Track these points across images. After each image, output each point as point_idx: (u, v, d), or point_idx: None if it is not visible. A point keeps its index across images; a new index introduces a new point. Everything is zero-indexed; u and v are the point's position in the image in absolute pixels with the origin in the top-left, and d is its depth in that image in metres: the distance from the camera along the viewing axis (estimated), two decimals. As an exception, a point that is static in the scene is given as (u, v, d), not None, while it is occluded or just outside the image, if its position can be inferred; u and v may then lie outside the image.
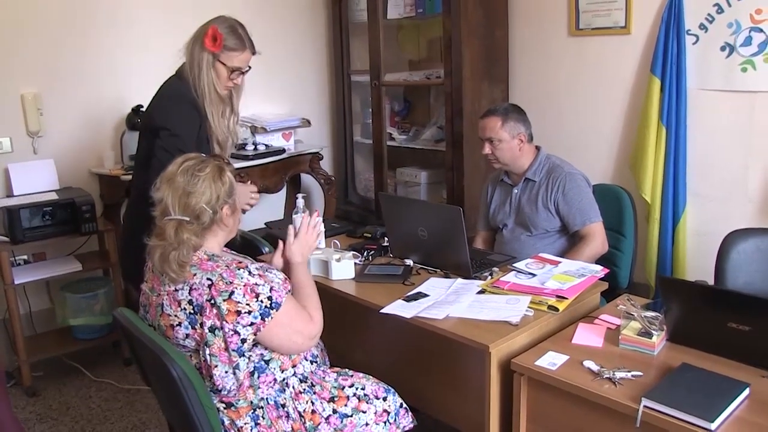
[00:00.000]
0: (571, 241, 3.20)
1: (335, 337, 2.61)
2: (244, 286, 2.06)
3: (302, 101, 5.29)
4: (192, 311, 2.08)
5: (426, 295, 2.60)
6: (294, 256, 2.43)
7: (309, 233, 2.50)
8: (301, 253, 2.44)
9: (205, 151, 2.88)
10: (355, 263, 2.95)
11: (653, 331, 2.24)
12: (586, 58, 4.21)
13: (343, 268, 2.87)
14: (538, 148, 3.33)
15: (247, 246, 3.23)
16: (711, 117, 3.72)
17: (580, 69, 4.25)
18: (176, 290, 2.10)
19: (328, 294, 2.73)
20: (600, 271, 2.71)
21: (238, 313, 2.05)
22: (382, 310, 2.51)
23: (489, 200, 3.48)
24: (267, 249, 3.32)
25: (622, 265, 3.26)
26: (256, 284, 2.08)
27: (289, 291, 2.18)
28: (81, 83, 4.30)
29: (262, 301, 2.07)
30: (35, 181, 4.07)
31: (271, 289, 2.09)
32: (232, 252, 2.40)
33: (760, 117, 3.55)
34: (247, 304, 2.05)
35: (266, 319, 2.08)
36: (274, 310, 2.09)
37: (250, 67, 2.94)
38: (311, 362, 2.30)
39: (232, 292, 2.04)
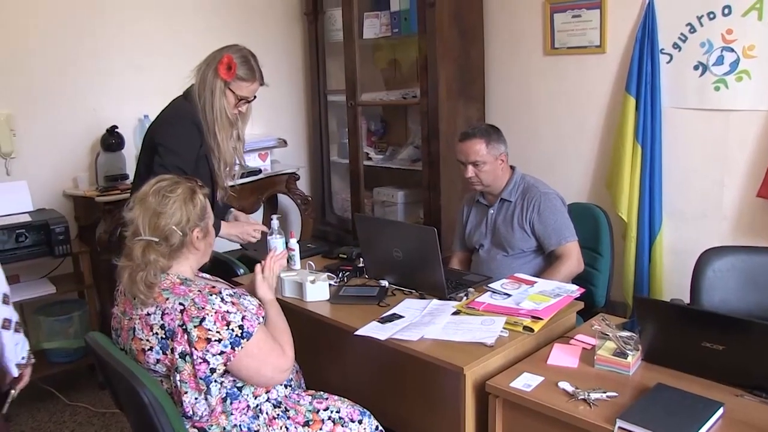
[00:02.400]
0: (547, 261, 3.20)
1: (310, 359, 2.59)
2: (215, 312, 2.04)
3: (279, 121, 5.28)
4: (164, 336, 2.06)
5: (401, 317, 2.59)
6: (264, 295, 2.40)
7: (272, 268, 2.50)
8: (269, 290, 2.43)
9: (203, 171, 2.95)
10: (330, 284, 2.94)
11: (628, 351, 2.24)
12: (562, 76, 4.23)
13: (318, 290, 2.85)
14: (512, 168, 3.34)
15: (221, 267, 3.22)
16: (686, 135, 3.75)
17: (556, 88, 4.27)
18: (148, 314, 2.09)
19: (302, 316, 2.71)
20: (576, 290, 2.71)
21: (208, 340, 2.02)
22: (356, 332, 2.50)
23: (465, 221, 3.48)
24: (242, 270, 3.31)
25: (598, 284, 3.27)
26: (227, 312, 2.06)
27: (263, 320, 2.17)
28: (55, 104, 4.27)
29: (232, 330, 2.05)
30: (8, 203, 4.02)
31: (243, 318, 2.07)
32: (206, 276, 2.38)
33: (734, 135, 3.58)
34: (218, 332, 2.03)
35: (236, 348, 2.05)
36: (245, 340, 2.06)
37: (255, 97, 3.04)
38: (285, 386, 2.29)
39: (203, 319, 2.02)
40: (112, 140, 4.25)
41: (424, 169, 4.51)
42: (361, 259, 3.19)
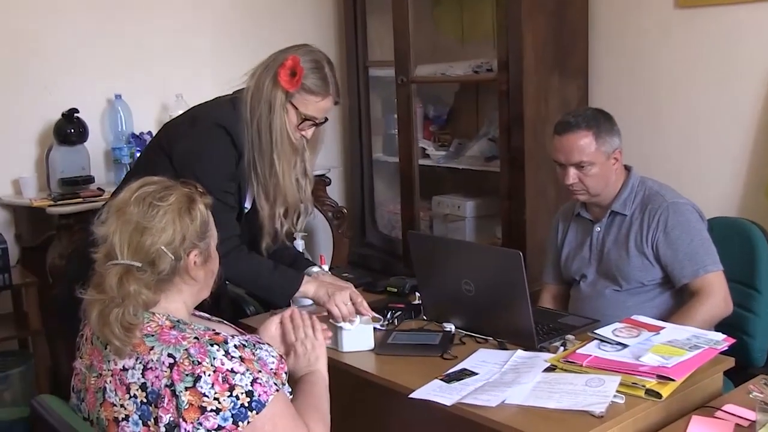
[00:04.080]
0: (678, 299, 3.19)
1: (347, 428, 2.60)
2: (215, 371, 2.00)
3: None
4: (145, 400, 2.03)
5: (473, 374, 2.59)
6: (296, 371, 2.42)
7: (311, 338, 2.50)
8: (305, 366, 2.44)
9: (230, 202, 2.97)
10: (375, 329, 2.95)
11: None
12: (702, 39, 4.20)
13: (359, 337, 2.87)
14: (628, 169, 3.33)
15: (226, 305, 3.25)
16: None
17: (692, 55, 4.24)
18: (125, 369, 2.07)
19: (338, 372, 2.72)
20: (722, 341, 2.68)
21: (202, 410, 1.98)
22: (412, 395, 2.50)
23: (560, 242, 3.48)
24: (253, 308, 3.33)
25: (755, 333, 3.23)
26: (232, 371, 2.02)
27: (283, 385, 2.17)
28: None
29: (237, 397, 2.01)
30: None
31: (253, 381, 2.03)
32: (206, 317, 2.40)
33: None
34: (216, 399, 1.99)
35: (240, 423, 2.00)
36: (254, 413, 2.02)
37: (326, 119, 3.04)
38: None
39: (199, 378, 1.99)
40: (70, 129, 4.32)
41: (502, 171, 4.52)
42: (417, 295, 3.21)
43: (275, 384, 2.09)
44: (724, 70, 4.15)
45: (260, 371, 2.07)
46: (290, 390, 2.24)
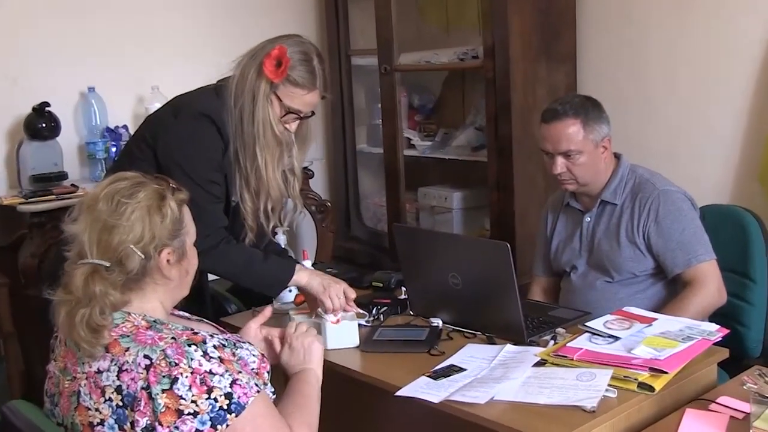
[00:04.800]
0: (671, 289, 3.21)
1: (333, 428, 2.60)
2: (193, 373, 2.00)
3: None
4: (120, 403, 2.03)
5: (462, 370, 2.60)
6: (289, 368, 2.44)
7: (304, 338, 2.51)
8: (297, 364, 2.45)
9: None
10: (360, 325, 2.96)
11: (797, 420, 2.23)
12: (694, 22, 4.21)
13: (343, 333, 2.88)
14: (617, 157, 3.35)
15: (208, 300, 3.25)
16: None
17: (683, 40, 4.26)
18: (100, 372, 2.06)
19: (323, 369, 2.72)
20: (716, 331, 2.69)
21: (179, 413, 1.98)
22: (398, 392, 2.51)
23: (550, 234, 3.50)
24: (234, 306, 3.33)
25: (750, 323, 3.25)
26: (210, 372, 2.02)
27: (265, 385, 2.18)
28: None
29: (215, 400, 2.00)
30: None
31: (232, 383, 2.03)
32: (185, 315, 2.40)
33: None
34: (193, 401, 1.98)
35: (219, 427, 2.00)
36: (233, 415, 2.02)
37: (313, 113, 3.04)
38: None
39: (175, 379, 1.99)
40: (41, 124, 4.31)
41: (490, 161, 4.53)
42: (404, 289, 3.22)
43: (256, 385, 2.08)
44: (716, 54, 4.17)
45: (240, 372, 2.06)
46: (273, 390, 2.25)
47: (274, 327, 2.60)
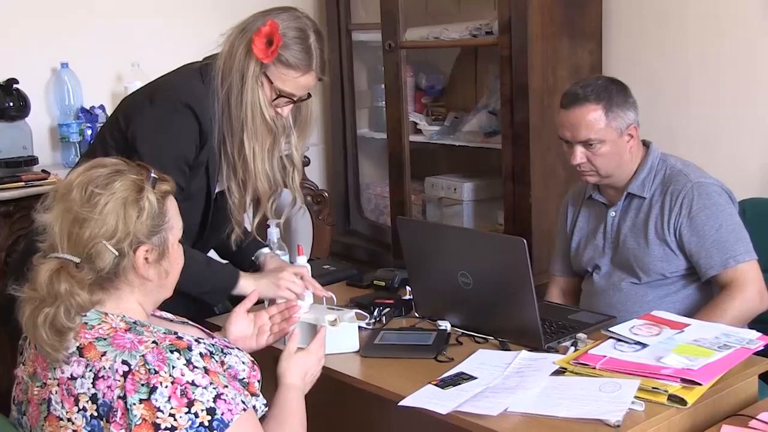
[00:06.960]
0: (705, 293, 3.21)
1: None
2: (173, 383, 1.99)
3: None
4: (95, 413, 2.02)
5: (472, 378, 2.61)
6: (285, 376, 2.44)
7: (318, 351, 2.54)
8: (299, 376, 2.46)
9: (196, 187, 2.96)
10: (361, 328, 2.97)
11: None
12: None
13: (342, 336, 2.88)
14: (646, 146, 3.35)
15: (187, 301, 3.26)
16: None
17: (723, 14, 4.24)
18: (73, 378, 2.05)
19: (319, 376, 2.73)
20: (756, 339, 2.69)
21: (156, 427, 1.97)
22: (402, 402, 2.51)
23: (570, 229, 3.51)
24: (221, 305, 3.34)
25: (795, 331, 3.26)
26: (192, 383, 2.01)
27: (256, 396, 2.17)
28: None
29: (195, 415, 1.99)
30: None
31: (216, 397, 2.02)
32: (168, 317, 2.40)
33: None
34: (171, 415, 1.97)
35: None
36: None
37: (310, 95, 3.03)
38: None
39: (154, 389, 1.98)
40: (8, 103, 4.30)
41: (504, 148, 4.53)
42: (408, 289, 3.23)
43: (243, 402, 2.07)
44: (761, 29, 4.14)
45: (227, 386, 2.06)
46: (265, 402, 2.25)
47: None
